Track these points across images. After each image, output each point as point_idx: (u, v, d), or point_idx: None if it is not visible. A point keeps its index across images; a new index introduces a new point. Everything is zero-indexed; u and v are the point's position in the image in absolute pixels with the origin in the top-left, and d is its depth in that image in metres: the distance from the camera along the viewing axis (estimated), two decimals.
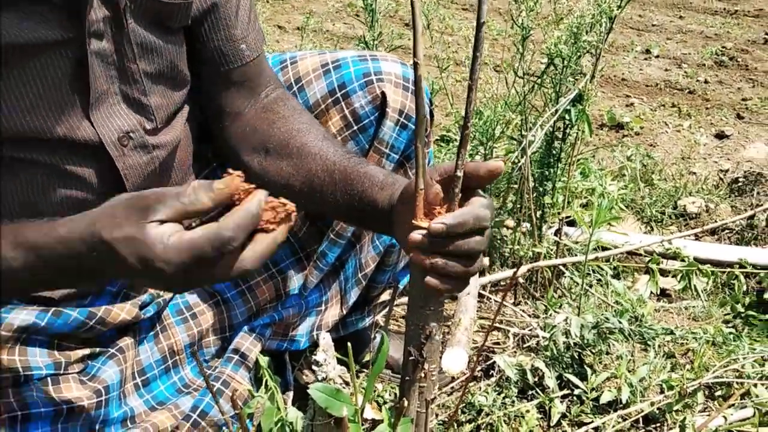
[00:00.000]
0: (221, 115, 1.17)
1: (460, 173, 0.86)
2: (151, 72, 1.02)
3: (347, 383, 0.86)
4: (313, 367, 0.83)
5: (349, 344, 0.81)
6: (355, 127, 1.25)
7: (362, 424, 0.83)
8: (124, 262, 0.72)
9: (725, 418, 1.37)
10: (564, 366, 1.51)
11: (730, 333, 1.57)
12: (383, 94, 1.24)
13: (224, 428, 1.08)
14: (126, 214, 0.73)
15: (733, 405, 1.41)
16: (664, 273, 1.95)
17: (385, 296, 1.49)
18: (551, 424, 1.43)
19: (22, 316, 1.01)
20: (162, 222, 0.72)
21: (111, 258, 0.73)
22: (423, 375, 0.92)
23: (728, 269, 1.86)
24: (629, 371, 1.48)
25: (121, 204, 0.74)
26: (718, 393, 1.50)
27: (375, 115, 1.25)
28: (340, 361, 0.93)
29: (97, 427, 1.03)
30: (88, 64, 0.93)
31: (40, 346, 1.03)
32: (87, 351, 1.07)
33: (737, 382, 1.47)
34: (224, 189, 0.73)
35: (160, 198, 0.73)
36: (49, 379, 1.02)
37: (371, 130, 1.26)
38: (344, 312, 1.36)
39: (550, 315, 1.69)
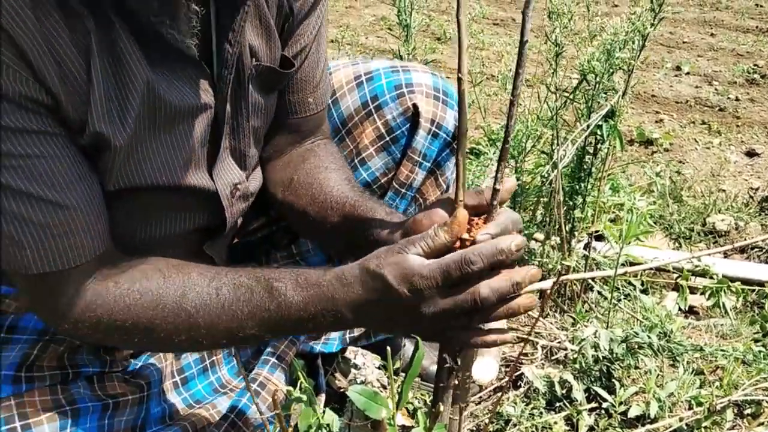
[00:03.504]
0: (264, 153, 1.22)
1: (499, 186, 0.88)
2: (256, 128, 1.10)
3: (384, 387, 0.89)
4: (352, 371, 0.86)
5: (388, 348, 0.83)
6: (387, 138, 1.30)
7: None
8: (388, 284, 0.84)
9: None
10: (592, 379, 1.52)
11: (761, 351, 1.57)
12: (415, 105, 1.28)
13: (261, 428, 1.11)
14: (387, 252, 0.87)
15: (763, 423, 1.40)
16: (692, 290, 1.94)
17: None
18: None
19: None
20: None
21: (377, 285, 0.86)
22: (457, 382, 0.94)
23: (758, 287, 1.85)
24: (658, 386, 1.48)
25: (382, 250, 0.88)
26: (748, 411, 1.49)
27: (406, 126, 1.29)
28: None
29: (139, 422, 1.06)
30: (223, 128, 1.01)
31: (87, 346, 1.08)
32: (131, 350, 1.12)
33: (767, 401, 1.47)
34: (455, 227, 0.86)
35: (412, 241, 0.86)
36: (95, 376, 1.07)
37: (403, 141, 1.30)
38: None
39: (579, 328, 1.70)
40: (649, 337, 1.49)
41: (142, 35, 0.87)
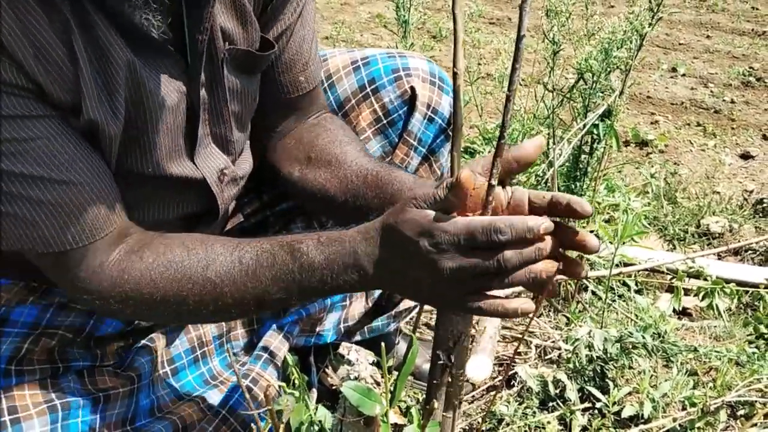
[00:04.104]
0: (268, 134, 1.22)
1: (494, 182, 0.87)
2: (237, 111, 1.09)
3: (377, 383, 0.88)
4: (346, 367, 0.85)
5: (383, 344, 0.83)
6: (385, 121, 1.29)
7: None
8: (407, 237, 0.82)
9: None
10: (586, 379, 1.52)
11: (754, 353, 1.57)
12: (412, 89, 1.28)
13: (252, 425, 1.10)
14: (405, 206, 0.84)
15: (756, 425, 1.40)
16: (685, 292, 1.94)
17: (410, 302, 1.50)
18: None
19: (71, 319, 1.06)
20: None
21: (396, 238, 0.83)
22: (450, 379, 0.93)
23: (752, 289, 1.85)
24: (651, 387, 1.48)
25: (401, 203, 0.85)
26: (741, 412, 1.49)
27: (404, 110, 1.29)
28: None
29: (130, 414, 1.06)
30: (199, 114, 1.01)
31: (79, 340, 1.07)
32: (122, 343, 1.11)
33: (760, 402, 1.47)
34: (459, 188, 0.81)
35: (423, 197, 0.83)
36: (85, 371, 1.06)
37: (400, 124, 1.30)
38: (369, 305, 1.38)
39: (573, 328, 1.69)
40: (643, 338, 1.49)
41: (116, 23, 0.87)
